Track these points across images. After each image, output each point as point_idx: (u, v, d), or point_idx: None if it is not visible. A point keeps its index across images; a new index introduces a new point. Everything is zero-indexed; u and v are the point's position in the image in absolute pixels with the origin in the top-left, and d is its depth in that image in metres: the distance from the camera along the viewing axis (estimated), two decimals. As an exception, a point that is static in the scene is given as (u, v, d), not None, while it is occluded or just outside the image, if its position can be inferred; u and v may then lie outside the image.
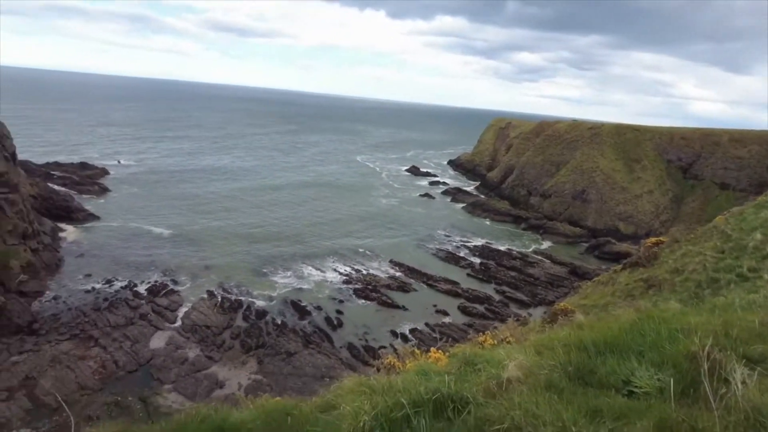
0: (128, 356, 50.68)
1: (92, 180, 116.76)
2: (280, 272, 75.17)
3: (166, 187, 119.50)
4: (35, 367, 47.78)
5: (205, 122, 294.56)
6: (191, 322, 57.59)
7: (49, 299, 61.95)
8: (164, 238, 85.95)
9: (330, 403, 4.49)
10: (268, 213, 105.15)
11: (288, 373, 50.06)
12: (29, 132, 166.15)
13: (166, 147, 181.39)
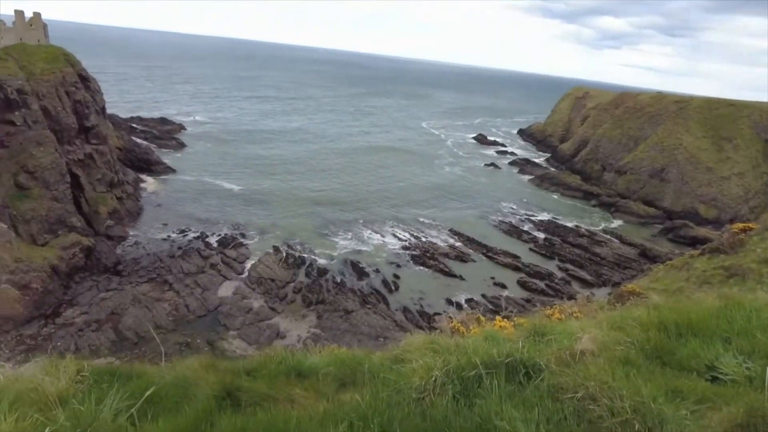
0: (198, 302, 54.42)
1: (170, 135, 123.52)
2: (342, 234, 76.95)
3: (238, 146, 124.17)
4: (119, 305, 52.55)
5: (278, 83, 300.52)
6: (257, 275, 60.65)
7: (131, 244, 67.30)
8: (234, 194, 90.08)
9: (399, 357, 4.60)
10: (332, 177, 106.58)
11: (345, 329, 51.86)
12: (116, 88, 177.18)
13: (239, 106, 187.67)
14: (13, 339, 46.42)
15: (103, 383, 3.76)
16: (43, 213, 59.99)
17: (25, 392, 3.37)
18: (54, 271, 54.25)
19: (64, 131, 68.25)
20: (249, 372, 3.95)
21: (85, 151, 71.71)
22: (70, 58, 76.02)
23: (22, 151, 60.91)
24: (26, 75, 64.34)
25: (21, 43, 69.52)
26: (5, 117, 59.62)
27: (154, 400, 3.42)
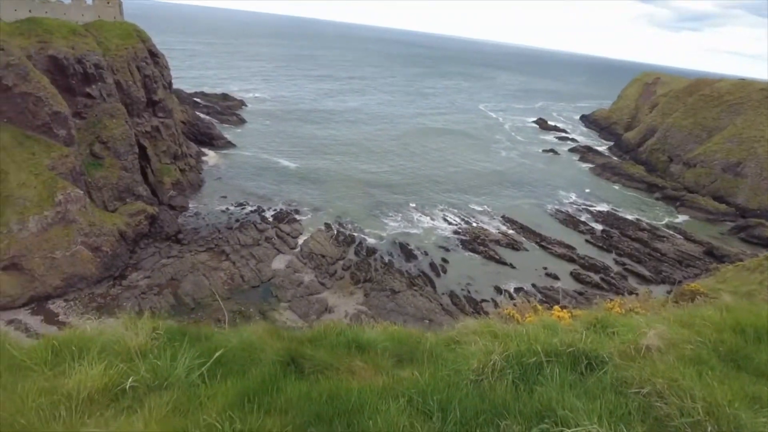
0: (253, 273, 56.58)
1: (231, 111, 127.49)
2: (391, 215, 77.27)
3: (295, 125, 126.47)
4: (179, 271, 55.53)
5: (337, 62, 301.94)
6: (309, 250, 62.19)
7: (191, 214, 70.60)
8: (290, 171, 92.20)
9: (454, 339, 4.61)
10: (386, 160, 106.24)
11: (390, 309, 52.45)
12: (183, 64, 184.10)
13: (298, 85, 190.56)
14: (86, 296, 50.24)
15: (176, 341, 4.00)
16: (113, 181, 63.90)
17: (110, 344, 3.66)
18: (122, 236, 57.89)
19: (134, 104, 71.91)
20: (311, 341, 4.09)
21: (153, 124, 75.33)
22: (142, 34, 79.52)
23: (97, 122, 64.83)
24: (102, 50, 67.99)
25: (99, 20, 73.36)
26: (84, 90, 63.46)
27: (222, 362, 3.61)
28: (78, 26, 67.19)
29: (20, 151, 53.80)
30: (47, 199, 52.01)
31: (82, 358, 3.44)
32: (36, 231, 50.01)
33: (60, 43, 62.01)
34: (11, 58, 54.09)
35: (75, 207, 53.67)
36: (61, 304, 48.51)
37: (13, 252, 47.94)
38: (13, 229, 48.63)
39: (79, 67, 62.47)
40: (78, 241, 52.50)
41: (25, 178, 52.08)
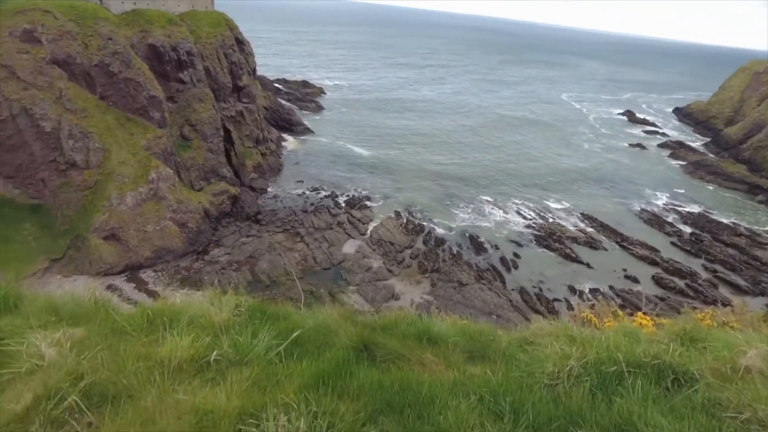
0: (324, 255, 58.30)
1: (311, 98, 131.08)
2: (462, 207, 76.22)
3: (371, 114, 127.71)
4: (256, 250, 58.41)
5: (416, 50, 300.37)
6: (378, 237, 63.00)
7: (270, 197, 73.80)
8: (364, 158, 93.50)
9: (528, 340, 4.47)
10: (459, 152, 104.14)
11: (457, 301, 52.02)
12: (266, 51, 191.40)
13: (376, 73, 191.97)
14: (172, 268, 54.30)
15: (256, 319, 4.21)
16: (200, 162, 68.11)
17: (197, 317, 3.92)
18: (206, 214, 61.74)
19: (221, 90, 75.92)
20: (383, 328, 4.14)
21: (237, 109, 79.22)
22: (230, 22, 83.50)
23: (187, 106, 69.23)
24: (194, 38, 72.22)
25: (192, 10, 77.92)
26: (176, 76, 67.91)
27: (298, 342, 3.76)
28: (174, 16, 71.80)
29: (121, 131, 58.77)
30: (142, 176, 56.54)
31: (172, 328, 3.72)
32: (132, 205, 54.61)
33: (158, 33, 66.65)
34: (117, 47, 58.96)
35: (165, 185, 57.92)
36: (151, 274, 52.79)
37: (112, 224, 52.74)
38: (114, 203, 53.41)
39: (174, 54, 66.84)
40: (167, 217, 56.69)
41: (124, 156, 56.90)
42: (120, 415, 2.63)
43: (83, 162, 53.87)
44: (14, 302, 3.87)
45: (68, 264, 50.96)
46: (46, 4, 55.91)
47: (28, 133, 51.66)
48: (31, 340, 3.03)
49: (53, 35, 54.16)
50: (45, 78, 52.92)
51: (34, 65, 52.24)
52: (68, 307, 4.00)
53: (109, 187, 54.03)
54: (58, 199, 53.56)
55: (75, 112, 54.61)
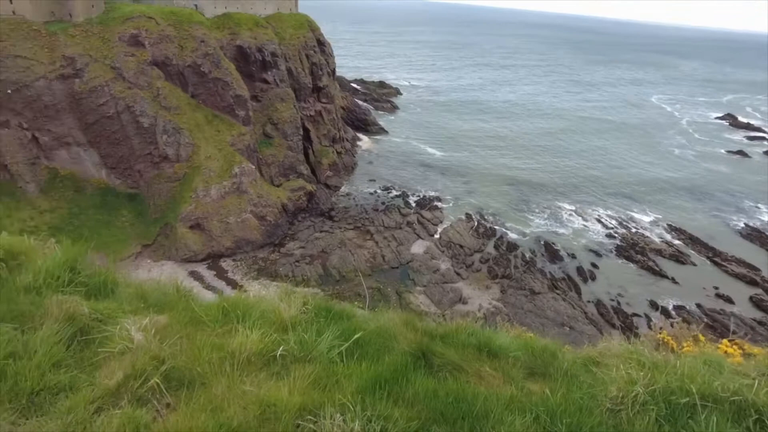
0: (393, 254, 58.79)
1: (386, 98, 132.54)
2: (538, 212, 73.70)
3: (446, 115, 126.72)
4: (329, 245, 60.09)
5: (496, 50, 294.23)
6: (448, 239, 62.53)
7: (343, 194, 75.59)
8: (436, 159, 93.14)
9: (593, 360, 4.30)
10: (537, 157, 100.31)
11: (528, 310, 50.44)
12: (346, 52, 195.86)
13: (454, 74, 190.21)
14: (250, 258, 57.23)
15: (321, 317, 4.40)
16: (280, 159, 71.12)
17: (267, 312, 4.17)
18: (283, 208, 64.39)
19: (302, 90, 78.76)
20: (442, 337, 4.17)
21: (316, 109, 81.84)
22: (312, 24, 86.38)
23: (270, 105, 72.55)
24: (278, 40, 75.49)
25: (278, 12, 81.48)
26: (261, 76, 71.37)
27: (359, 343, 3.88)
28: (260, 18, 75.47)
29: (209, 128, 62.76)
30: (226, 171, 60.05)
31: (245, 321, 3.99)
32: (216, 198, 58.18)
33: (245, 35, 70.39)
34: (209, 49, 63.00)
35: (247, 179, 61.11)
36: (230, 263, 55.97)
37: (198, 214, 56.50)
38: (200, 194, 57.19)
39: (259, 55, 70.27)
40: (248, 210, 59.80)
41: (211, 151, 60.72)
42: (193, 400, 2.89)
43: (174, 156, 58.14)
44: (111, 288, 4.34)
45: (157, 250, 55.29)
46: (150, 11, 60.94)
47: (129, 128, 56.61)
48: (124, 324, 3.40)
49: (154, 39, 58.91)
50: (146, 78, 57.72)
51: (137, 66, 57.14)
52: (155, 295, 4.42)
53: (197, 179, 57.92)
54: (152, 189, 58.24)
55: (169, 109, 59.08)
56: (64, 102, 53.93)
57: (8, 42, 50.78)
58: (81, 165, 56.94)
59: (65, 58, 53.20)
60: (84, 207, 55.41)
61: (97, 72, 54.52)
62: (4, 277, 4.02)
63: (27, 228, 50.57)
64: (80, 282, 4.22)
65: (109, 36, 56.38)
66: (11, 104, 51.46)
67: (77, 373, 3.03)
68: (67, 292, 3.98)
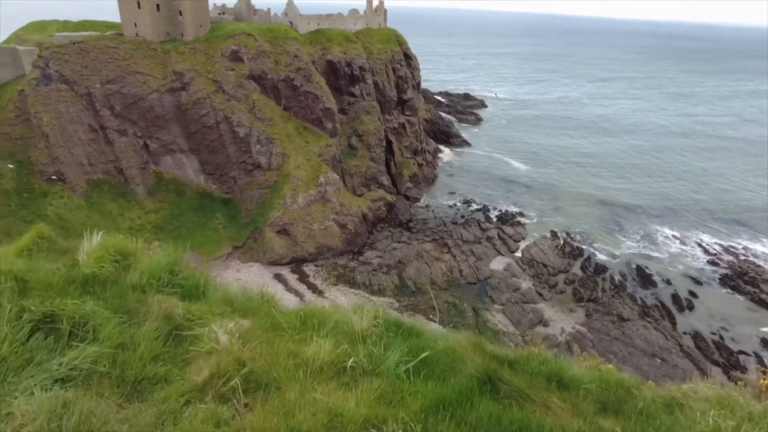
0: (471, 269, 57.79)
1: (471, 110, 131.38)
2: (630, 233, 69.01)
3: (532, 129, 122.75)
4: (405, 256, 60.40)
5: (589, 61, 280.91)
6: (530, 256, 60.38)
7: (422, 206, 75.73)
8: (521, 174, 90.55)
9: (677, 401, 4.00)
10: (631, 176, 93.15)
11: (615, 337, 47.26)
12: (433, 65, 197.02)
13: (542, 86, 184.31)
14: (330, 265, 59.01)
15: (391, 332, 4.51)
16: (363, 170, 72.91)
17: (340, 323, 4.37)
18: (363, 218, 65.80)
19: (386, 103, 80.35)
20: (511, 363, 4.11)
21: (399, 121, 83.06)
22: (400, 38, 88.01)
23: (356, 117, 74.78)
24: (366, 54, 77.76)
25: (367, 27, 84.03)
26: (349, 89, 73.84)
27: (426, 362, 3.94)
28: (350, 34, 78.26)
29: (299, 139, 65.91)
30: (313, 180, 62.62)
31: (319, 330, 4.21)
32: (302, 205, 60.80)
33: (336, 50, 73.32)
34: (301, 63, 66.37)
35: (332, 189, 63.28)
36: (312, 268, 58.07)
37: (285, 220, 59.35)
38: (288, 201, 60.09)
39: (348, 69, 72.81)
40: (330, 218, 61.84)
41: (300, 161, 63.68)
42: (268, 403, 3.11)
43: (266, 164, 61.67)
44: (203, 290, 4.77)
45: (246, 252, 58.74)
46: (250, 28, 65.48)
47: (226, 138, 60.96)
48: (212, 326, 3.75)
49: (252, 54, 63.15)
50: (243, 91, 61.95)
51: (236, 80, 61.53)
52: (240, 300, 4.78)
53: (285, 187, 60.97)
54: (244, 195, 62.12)
55: (263, 120, 62.87)
56: (172, 113, 59.31)
57: (131, 60, 56.95)
58: (183, 170, 62.13)
59: (175, 73, 58.57)
60: (183, 209, 60.31)
61: (201, 85, 59.42)
62: (116, 275, 4.57)
63: (135, 225, 56.04)
64: (177, 283, 4.68)
65: (213, 52, 61.30)
66: (129, 115, 57.52)
67: (171, 368, 3.39)
68: (166, 292, 4.45)
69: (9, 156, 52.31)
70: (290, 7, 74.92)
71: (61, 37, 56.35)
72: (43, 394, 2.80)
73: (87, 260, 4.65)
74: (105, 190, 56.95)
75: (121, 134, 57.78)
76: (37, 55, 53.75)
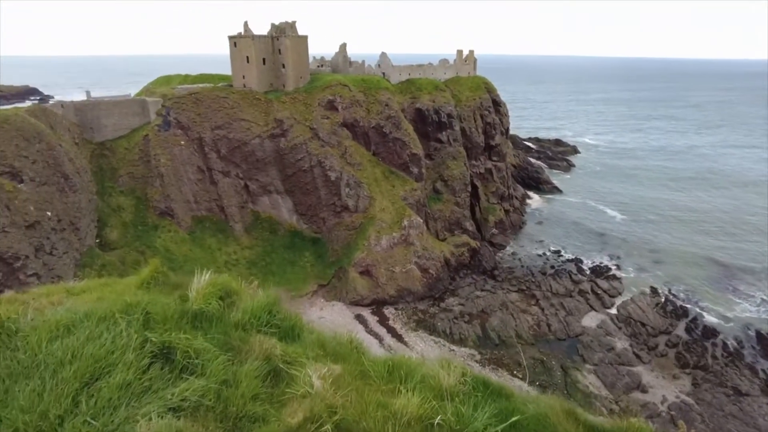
0: (560, 324, 54.46)
1: (562, 156, 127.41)
2: (746, 294, 61.64)
3: (628, 177, 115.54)
4: (489, 305, 58.44)
5: (686, 104, 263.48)
6: (627, 314, 55.82)
7: (508, 254, 73.46)
8: (616, 222, 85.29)
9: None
10: (750, 236, 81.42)
11: (729, 413, 41.64)
12: (522, 112, 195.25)
13: (637, 132, 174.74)
14: (410, 309, 58.58)
15: (479, 391, 4.40)
16: (446, 214, 72.74)
17: (428, 377, 4.35)
18: (446, 263, 65.07)
19: (473, 148, 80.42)
20: (608, 437, 3.81)
21: (486, 166, 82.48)
22: (489, 85, 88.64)
23: (441, 163, 75.47)
24: (455, 102, 79.04)
25: (456, 76, 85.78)
26: (436, 135, 75.09)
27: (516, 427, 3.79)
28: (440, 83, 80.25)
29: (385, 183, 67.65)
30: (397, 223, 63.50)
31: (407, 382, 4.22)
32: (385, 247, 61.62)
33: (425, 98, 75.39)
34: (391, 111, 68.91)
35: (415, 232, 63.64)
36: (392, 311, 57.98)
37: (368, 261, 60.35)
38: (371, 243, 61.24)
39: (436, 116, 74.31)
40: (412, 261, 61.91)
41: (385, 204, 65.08)
42: (358, 454, 3.16)
43: (353, 206, 63.70)
44: (298, 333, 5.00)
45: (331, 290, 60.17)
46: (345, 79, 69.58)
47: (319, 181, 64.08)
48: (306, 370, 3.91)
49: (346, 103, 66.76)
50: (336, 137, 65.29)
51: (330, 127, 65.12)
52: (331, 345, 4.94)
53: (370, 229, 62.33)
54: (332, 235, 64.31)
55: (353, 165, 65.50)
56: (271, 157, 63.74)
57: (238, 108, 62.60)
58: (278, 210, 65.89)
59: (276, 121, 63.29)
60: (276, 246, 63.55)
61: (298, 132, 63.55)
62: (221, 312, 4.95)
63: (230, 260, 59.86)
64: (275, 324, 4.97)
65: (310, 102, 65.69)
66: (233, 158, 62.67)
67: (268, 408, 3.56)
68: (264, 332, 4.73)
69: (131, 192, 58.86)
70: (383, 59, 78.82)
71: (181, 89, 63.54)
72: (159, 420, 3.07)
73: (196, 296, 5.07)
74: (207, 226, 61.78)
75: (225, 175, 62.91)
76: (161, 105, 60.87)
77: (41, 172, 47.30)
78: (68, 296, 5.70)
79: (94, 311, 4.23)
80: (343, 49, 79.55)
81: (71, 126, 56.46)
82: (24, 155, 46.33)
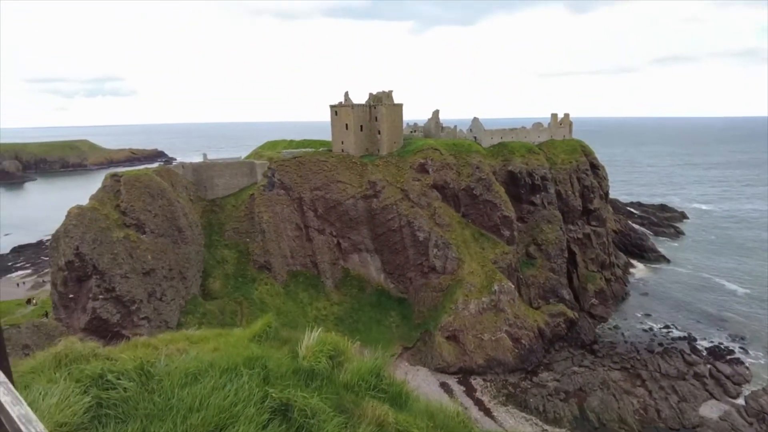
0: (672, 411, 48.20)
1: (669, 222, 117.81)
2: None
3: (746, 244, 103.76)
4: (588, 383, 53.44)
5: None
6: (758, 407, 48.12)
7: (610, 327, 67.64)
8: (738, 296, 75.84)
9: None
10: None
11: None
12: (623, 176, 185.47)
13: (753, 197, 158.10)
14: (499, 381, 55.19)
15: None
16: (541, 281, 69.30)
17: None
18: (540, 333, 61.24)
19: (570, 212, 77.13)
20: None
21: (584, 231, 78.33)
22: (586, 149, 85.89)
23: (535, 226, 73.01)
24: (549, 165, 77.25)
25: (551, 139, 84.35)
26: (529, 198, 73.30)
27: None
28: (533, 146, 79.25)
29: (474, 245, 66.47)
30: (486, 287, 61.49)
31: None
32: (474, 312, 59.54)
33: (517, 161, 74.59)
34: (482, 174, 68.80)
35: (506, 298, 61.06)
36: (480, 382, 54.96)
37: (455, 326, 58.52)
38: (459, 307, 59.56)
39: (529, 179, 72.87)
40: (503, 329, 59.02)
41: (474, 267, 63.61)
42: None
43: (441, 268, 62.97)
44: (405, 399, 4.87)
45: (415, 354, 58.73)
46: (437, 144, 71.26)
47: (407, 241, 64.60)
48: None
49: (437, 166, 67.90)
50: (426, 199, 66.11)
51: (420, 189, 66.24)
52: (440, 417, 4.74)
53: (458, 292, 60.89)
54: (418, 296, 63.65)
55: (442, 226, 65.45)
56: (363, 216, 65.75)
57: (335, 171, 66.14)
58: (366, 268, 66.94)
59: (369, 182, 65.73)
60: (363, 304, 64.04)
61: (390, 193, 65.32)
62: (329, 371, 4.97)
63: (320, 315, 61.08)
64: (382, 388, 4.88)
65: (402, 165, 67.72)
66: (328, 216, 65.50)
67: (382, 478, 3.44)
68: (372, 396, 4.66)
69: (234, 246, 63.18)
70: (475, 124, 79.97)
71: (286, 153, 68.73)
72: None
73: (306, 353, 5.15)
74: (300, 280, 64.10)
75: (320, 233, 65.67)
76: (267, 167, 66.01)
77: (160, 224, 52.60)
78: (189, 344, 6.07)
79: (217, 361, 4.44)
80: (436, 116, 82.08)
81: (188, 184, 62.83)
82: (149, 209, 52.03)
